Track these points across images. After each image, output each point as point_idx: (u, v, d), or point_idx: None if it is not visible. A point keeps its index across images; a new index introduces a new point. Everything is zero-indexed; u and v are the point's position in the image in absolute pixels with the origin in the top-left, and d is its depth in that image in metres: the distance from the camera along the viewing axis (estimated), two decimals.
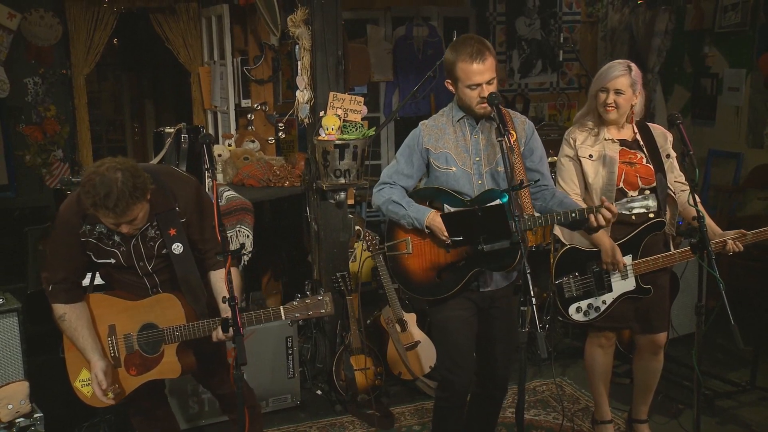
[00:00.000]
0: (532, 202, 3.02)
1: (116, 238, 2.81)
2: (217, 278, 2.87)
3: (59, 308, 2.85)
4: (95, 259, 2.85)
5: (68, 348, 2.96)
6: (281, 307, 2.76)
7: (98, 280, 3.09)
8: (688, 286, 4.38)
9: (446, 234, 2.87)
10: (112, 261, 2.85)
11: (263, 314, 2.76)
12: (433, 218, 2.91)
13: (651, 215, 3.17)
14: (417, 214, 2.95)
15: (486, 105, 2.84)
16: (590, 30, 7.76)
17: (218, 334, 2.75)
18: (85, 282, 3.01)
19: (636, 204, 2.77)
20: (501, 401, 3.31)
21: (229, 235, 4.15)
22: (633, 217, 3.16)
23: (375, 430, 4.03)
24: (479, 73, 2.82)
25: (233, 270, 2.70)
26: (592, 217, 2.78)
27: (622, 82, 3.26)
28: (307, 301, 2.73)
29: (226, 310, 2.66)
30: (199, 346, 2.94)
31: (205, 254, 2.92)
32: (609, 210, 2.75)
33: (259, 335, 4.08)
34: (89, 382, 2.89)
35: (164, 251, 2.85)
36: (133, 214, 2.63)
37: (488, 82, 2.85)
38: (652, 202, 2.75)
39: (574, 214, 2.82)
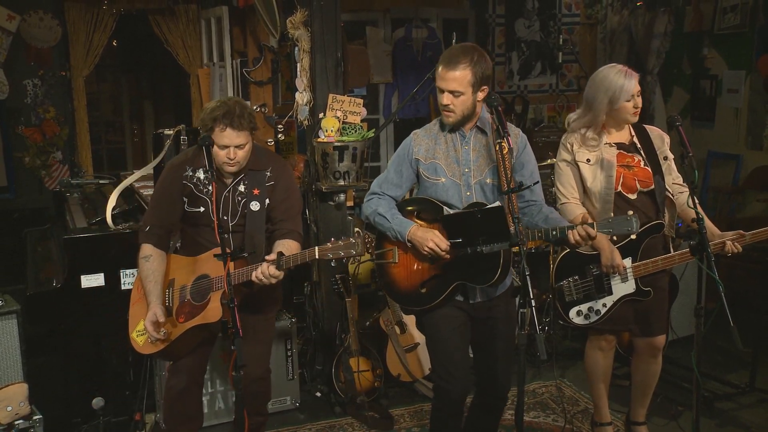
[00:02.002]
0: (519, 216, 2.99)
1: (210, 187, 3.05)
2: (282, 244, 3.06)
3: (148, 248, 3.11)
4: (187, 208, 3.11)
5: (133, 303, 3.23)
6: (315, 248, 2.85)
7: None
8: (687, 288, 4.38)
9: (427, 248, 2.86)
10: (202, 210, 3.09)
11: (299, 256, 2.88)
12: (414, 232, 2.91)
13: (633, 237, 3.17)
14: (399, 227, 2.95)
15: (448, 114, 2.87)
16: (589, 32, 7.77)
17: (262, 269, 2.87)
18: None
19: (616, 227, 2.75)
20: (501, 410, 3.26)
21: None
22: (614, 237, 3.17)
23: (374, 431, 4.03)
24: (443, 79, 2.84)
25: (295, 243, 3.07)
26: (570, 235, 2.76)
27: (638, 88, 3.29)
28: (340, 242, 2.82)
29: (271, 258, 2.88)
30: (246, 300, 3.06)
31: (277, 225, 3.14)
32: (587, 232, 2.73)
33: None
34: (144, 332, 3.07)
35: (246, 211, 3.11)
36: (245, 138, 2.98)
37: (453, 93, 2.84)
38: (633, 228, 2.72)
39: (554, 232, 2.81)
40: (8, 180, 6.54)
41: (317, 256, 2.84)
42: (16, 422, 3.16)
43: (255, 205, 3.11)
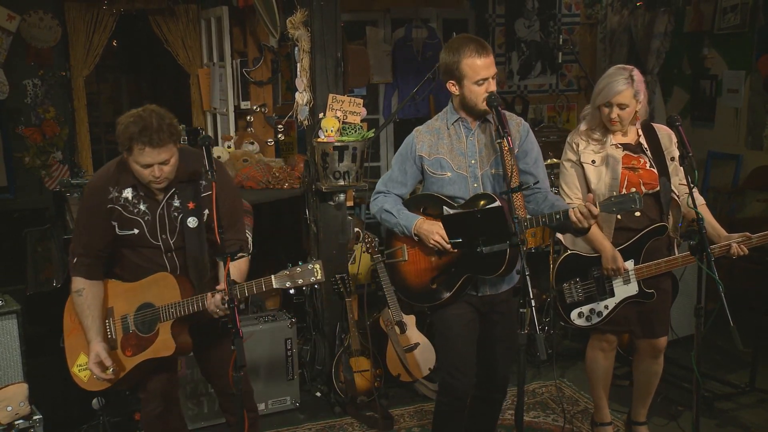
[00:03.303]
0: (525, 205, 2.99)
1: (141, 206, 2.85)
2: (232, 268, 2.82)
3: (79, 282, 2.89)
4: (119, 231, 2.86)
5: (68, 334, 3.01)
6: (272, 277, 2.71)
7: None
8: (687, 288, 4.37)
9: (433, 240, 2.87)
10: (136, 231, 2.85)
11: (255, 284, 2.71)
12: (420, 225, 2.92)
13: (637, 214, 3.15)
14: (406, 222, 2.97)
15: (494, 98, 2.85)
16: (589, 32, 7.76)
17: (213, 300, 2.71)
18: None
19: (618, 205, 2.75)
20: (501, 403, 3.31)
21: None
22: (619, 216, 3.15)
23: (374, 431, 4.03)
24: (485, 68, 2.84)
25: (243, 262, 2.86)
26: (572, 214, 2.74)
27: (625, 96, 3.20)
28: (298, 269, 2.68)
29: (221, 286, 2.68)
30: (198, 328, 2.93)
31: (221, 238, 2.87)
32: (588, 209, 2.72)
33: (258, 337, 4.08)
34: (86, 366, 2.90)
35: (184, 227, 2.88)
36: (168, 153, 2.71)
37: (493, 78, 2.87)
38: (637, 204, 2.72)
39: (558, 216, 2.80)
40: (8, 180, 6.53)
41: (274, 286, 2.69)
42: (16, 422, 3.17)
43: (192, 222, 2.87)
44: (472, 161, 2.95)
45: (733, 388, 4.35)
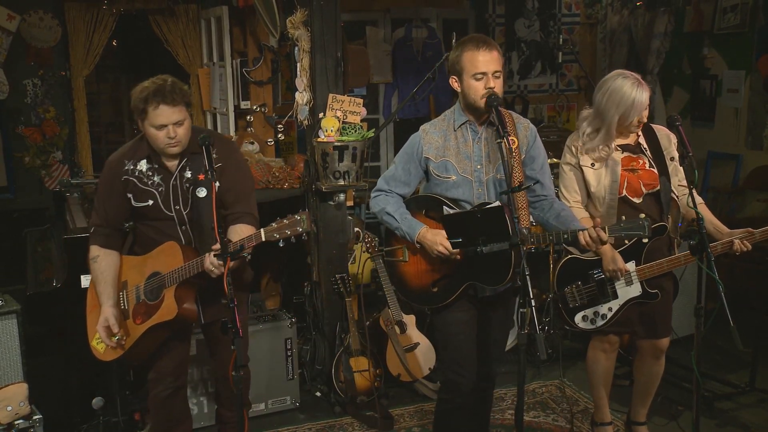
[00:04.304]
0: (529, 211, 2.98)
1: (155, 178, 2.98)
2: (234, 231, 2.97)
3: (95, 250, 3.05)
4: (134, 203, 3.00)
5: (89, 311, 3.16)
6: (261, 230, 2.76)
7: None
8: (687, 288, 4.37)
9: (437, 251, 2.86)
10: (150, 203, 2.99)
11: (246, 240, 2.76)
12: (423, 234, 2.90)
13: (645, 241, 3.16)
14: (408, 229, 2.94)
15: (494, 96, 2.82)
16: (589, 32, 7.76)
17: (209, 259, 2.78)
18: None
19: (627, 231, 2.76)
20: (492, 392, 3.30)
21: None
22: (626, 241, 3.15)
23: (374, 431, 4.03)
24: (485, 62, 2.79)
25: (247, 227, 2.96)
26: (581, 238, 2.78)
27: (648, 101, 3.24)
28: (285, 221, 2.73)
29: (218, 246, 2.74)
30: (204, 294, 3.02)
31: (230, 209, 3.04)
32: (598, 235, 2.75)
33: (258, 337, 4.08)
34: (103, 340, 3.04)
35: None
36: (181, 114, 2.85)
37: (494, 75, 2.81)
38: (645, 232, 2.73)
39: (566, 236, 2.83)
40: (8, 180, 6.53)
41: (264, 239, 2.74)
42: (16, 422, 3.17)
43: (201, 192, 2.99)
44: (478, 166, 2.93)
45: (733, 388, 4.35)
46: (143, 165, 3.00)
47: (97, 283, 3.03)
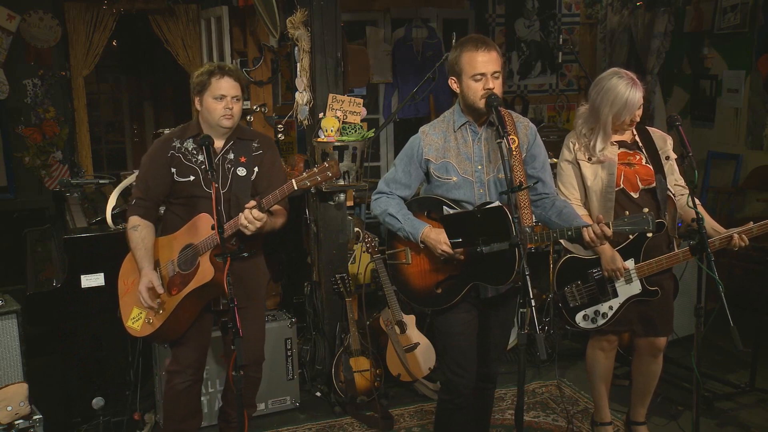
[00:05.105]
0: (532, 210, 2.98)
1: (200, 157, 3.13)
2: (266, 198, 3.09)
3: (135, 219, 3.17)
4: (176, 177, 3.14)
5: (122, 296, 3.26)
6: (293, 180, 2.90)
7: None
8: (687, 288, 4.37)
9: (440, 250, 2.86)
10: (192, 179, 3.13)
11: (279, 193, 2.93)
12: (427, 234, 2.90)
13: (649, 235, 3.15)
14: (412, 229, 2.93)
15: (494, 97, 2.81)
16: (589, 32, 7.77)
17: (244, 214, 2.91)
18: None
19: (631, 225, 2.76)
20: (493, 392, 3.30)
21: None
22: (630, 236, 3.15)
23: (374, 431, 4.03)
24: (483, 63, 2.78)
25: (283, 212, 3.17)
26: (585, 234, 2.78)
27: (641, 101, 3.24)
28: (315, 169, 2.89)
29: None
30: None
31: (260, 196, 3.11)
32: (602, 230, 2.76)
33: None
34: (139, 317, 3.14)
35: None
36: (239, 91, 3.10)
37: (493, 75, 2.80)
38: (649, 226, 2.73)
39: (570, 232, 2.83)
40: (8, 180, 6.54)
41: (296, 187, 2.89)
42: (16, 422, 3.17)
43: (241, 171, 3.17)
44: (479, 167, 2.92)
45: (733, 387, 4.36)
46: (190, 144, 3.17)
47: (137, 250, 3.13)
